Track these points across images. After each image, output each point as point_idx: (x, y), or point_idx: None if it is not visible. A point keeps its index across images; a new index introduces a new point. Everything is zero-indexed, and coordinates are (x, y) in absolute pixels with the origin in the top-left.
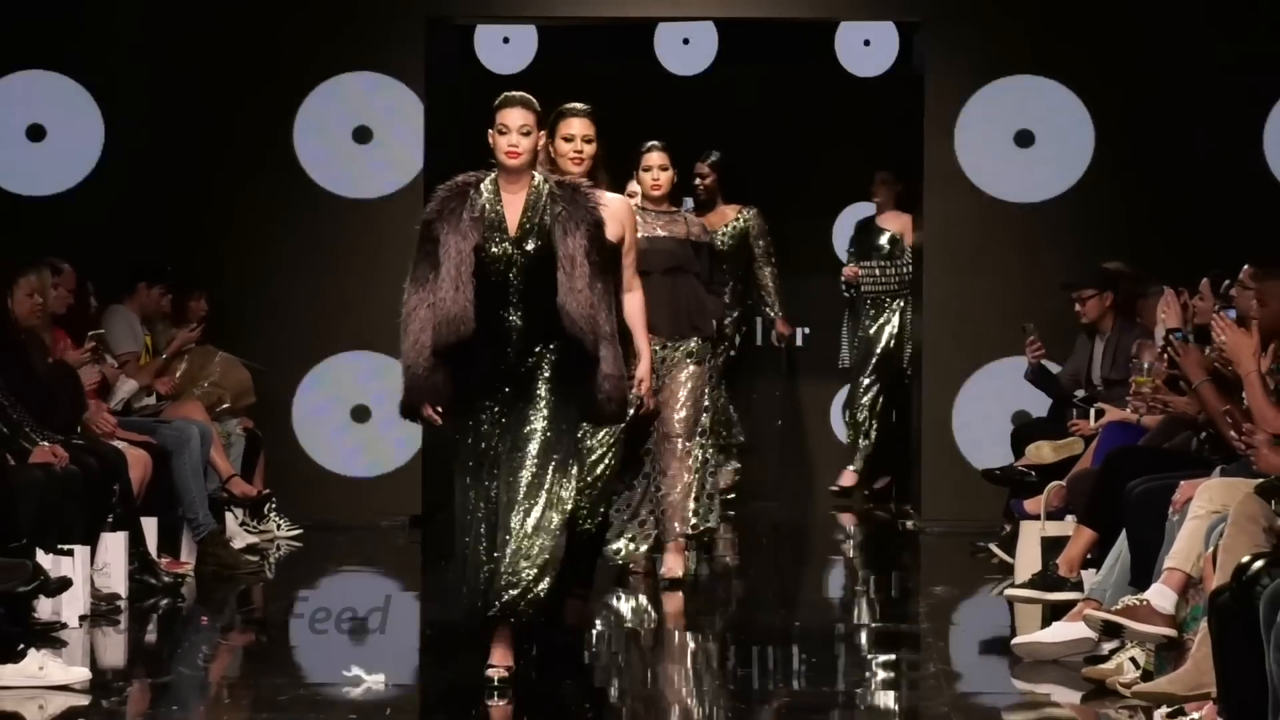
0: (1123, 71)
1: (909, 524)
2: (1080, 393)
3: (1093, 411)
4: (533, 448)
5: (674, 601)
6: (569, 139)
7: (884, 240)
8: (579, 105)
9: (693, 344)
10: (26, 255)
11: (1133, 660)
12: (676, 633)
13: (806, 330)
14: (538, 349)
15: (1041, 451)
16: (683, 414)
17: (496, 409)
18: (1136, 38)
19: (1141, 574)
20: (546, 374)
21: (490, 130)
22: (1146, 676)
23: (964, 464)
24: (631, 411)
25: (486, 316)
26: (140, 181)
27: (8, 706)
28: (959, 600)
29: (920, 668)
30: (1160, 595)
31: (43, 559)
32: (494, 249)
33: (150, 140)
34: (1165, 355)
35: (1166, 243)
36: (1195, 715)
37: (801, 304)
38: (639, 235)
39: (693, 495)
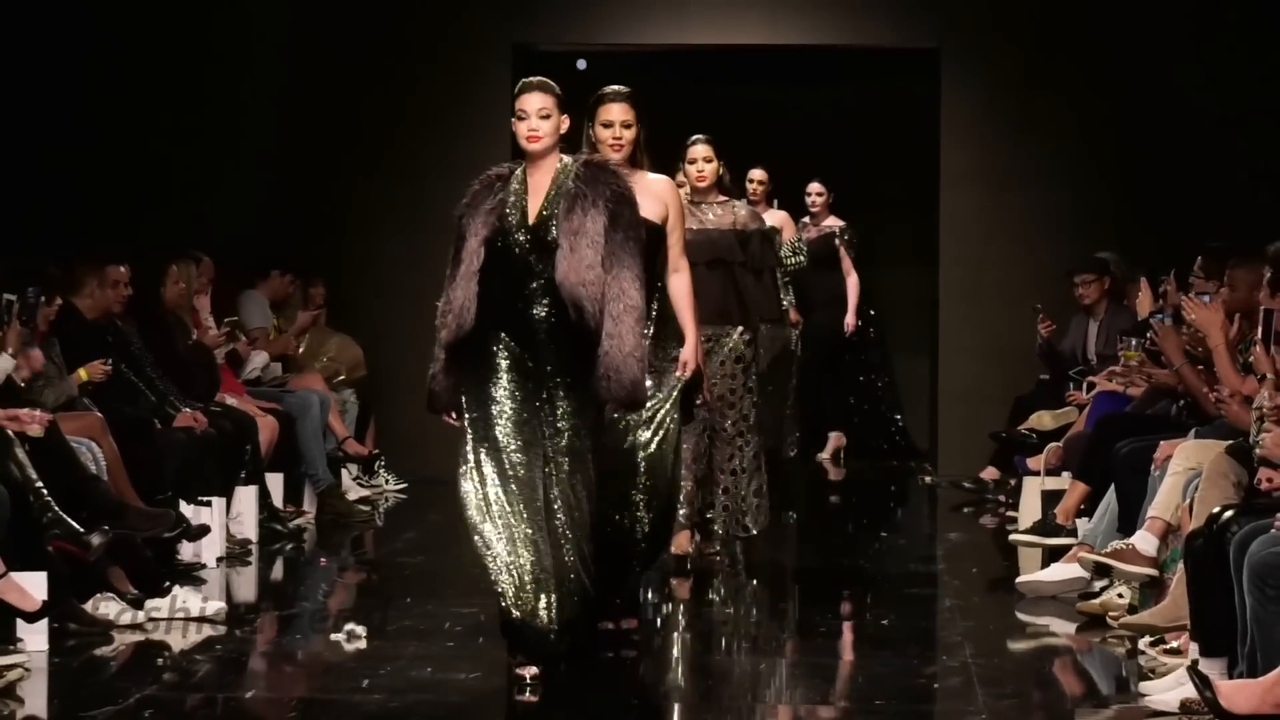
0: (1109, 86)
1: (927, 479)
2: (1080, 369)
3: (1085, 384)
4: (559, 449)
5: (700, 563)
6: (608, 124)
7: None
8: (619, 89)
9: (739, 344)
10: (175, 248)
11: (1120, 596)
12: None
13: None
14: (561, 343)
15: (1042, 419)
16: (730, 415)
17: (514, 406)
18: (1121, 58)
19: (1127, 522)
20: (567, 369)
21: (512, 119)
22: (1131, 610)
23: (974, 428)
24: (681, 383)
25: (511, 309)
26: (271, 181)
27: (156, 636)
28: (970, 544)
29: (937, 602)
30: (1144, 540)
31: (186, 509)
32: (512, 240)
33: (280, 147)
34: (1147, 334)
35: (1148, 234)
36: (1174, 643)
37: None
38: (685, 226)
39: (746, 494)
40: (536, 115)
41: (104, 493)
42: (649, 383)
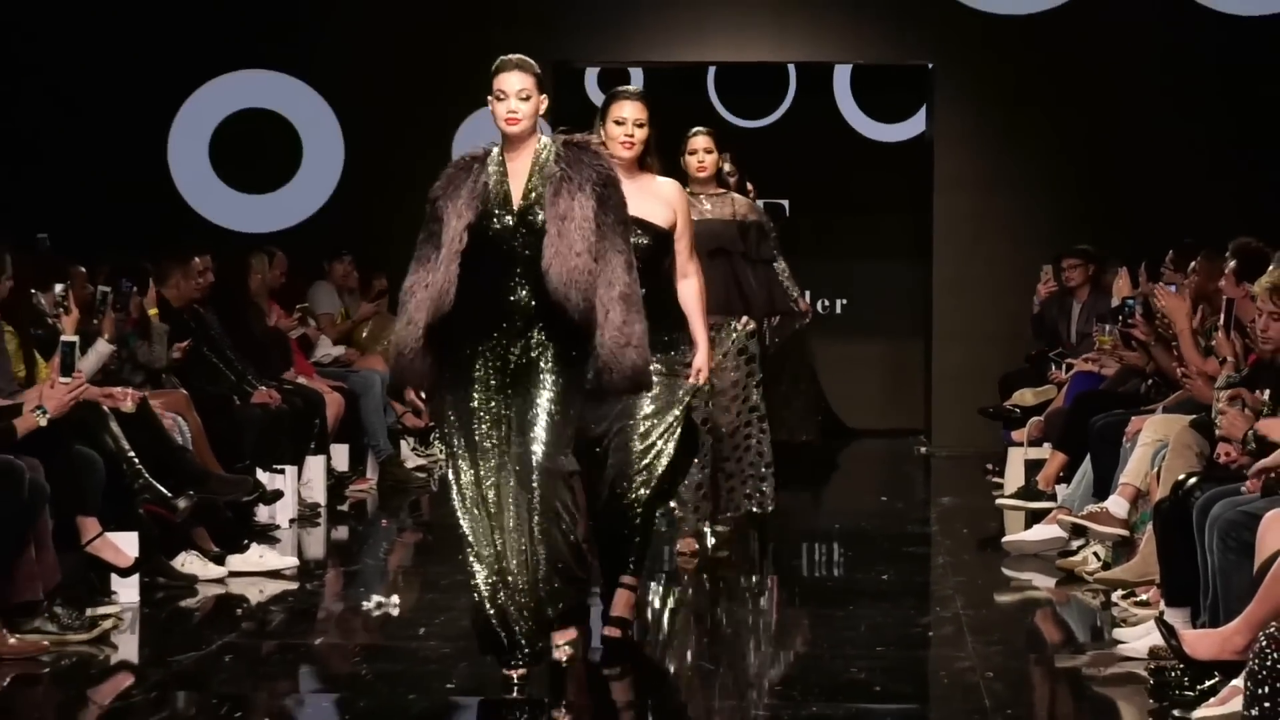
0: (1084, 102)
1: (922, 450)
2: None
3: (1065, 364)
4: (536, 436)
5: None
6: (620, 122)
7: None
8: (631, 88)
9: (742, 337)
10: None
11: (1095, 554)
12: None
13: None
14: (543, 329)
15: (1025, 396)
16: (731, 414)
17: (494, 393)
18: (1095, 76)
19: (1101, 488)
20: (551, 355)
21: (489, 98)
22: (1105, 567)
23: (964, 404)
24: (694, 389)
25: (492, 294)
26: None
27: (235, 589)
28: (961, 507)
29: (931, 559)
30: (1116, 505)
31: (261, 476)
32: (496, 224)
33: (348, 154)
34: (1122, 319)
35: (1118, 233)
36: (1143, 596)
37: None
38: None
39: (744, 475)
40: (516, 96)
41: (189, 461)
42: (657, 389)
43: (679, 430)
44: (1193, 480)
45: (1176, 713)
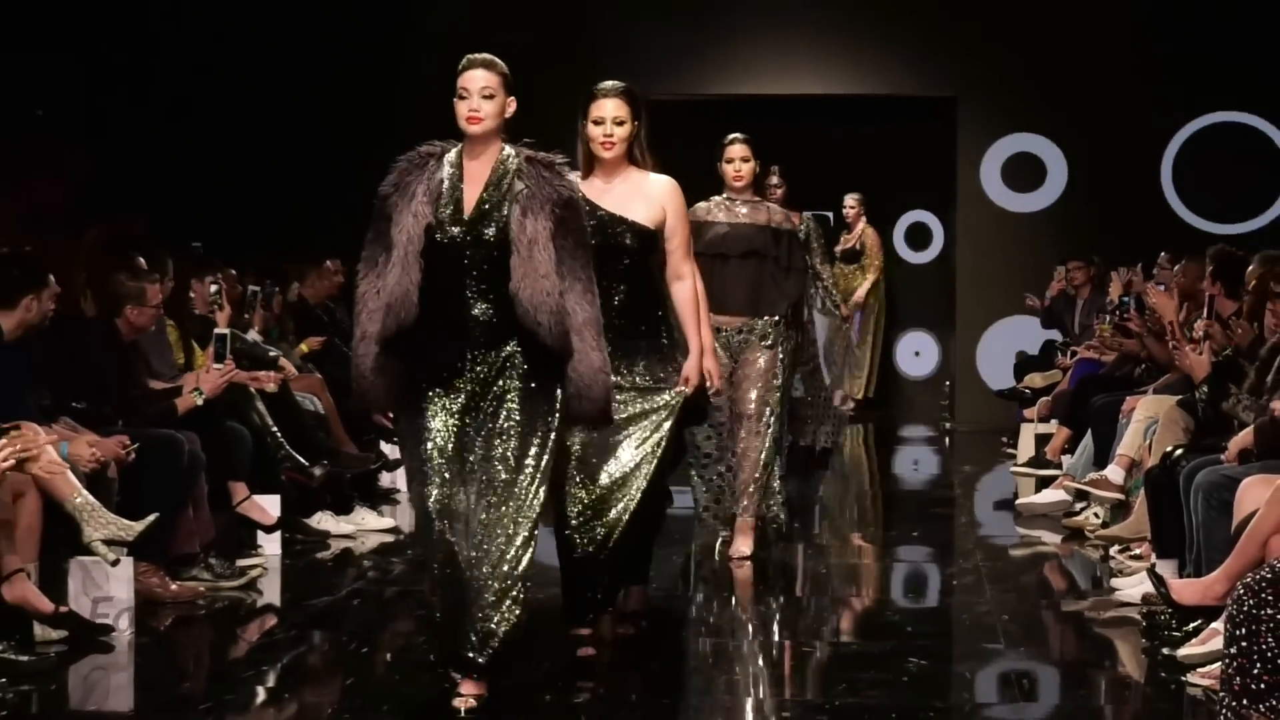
0: (1087, 126)
1: (946, 425)
2: (1065, 340)
3: (1070, 352)
4: (501, 458)
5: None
6: (599, 122)
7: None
8: (611, 84)
9: (766, 327)
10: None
11: (1095, 514)
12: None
13: None
14: (508, 345)
15: (1034, 379)
16: (753, 395)
17: (456, 412)
18: (1096, 104)
19: (1101, 458)
20: (518, 374)
21: (455, 98)
22: (1104, 525)
23: (983, 385)
24: (682, 397)
25: (445, 306)
26: None
27: (362, 544)
28: (980, 475)
29: (953, 519)
30: (1114, 472)
31: (384, 448)
32: (443, 231)
33: None
34: (1118, 314)
35: (1114, 240)
36: (1137, 550)
37: None
38: (721, 221)
39: (759, 476)
40: (479, 94)
41: (323, 436)
42: (643, 394)
43: (666, 443)
44: (1179, 451)
45: (1165, 651)
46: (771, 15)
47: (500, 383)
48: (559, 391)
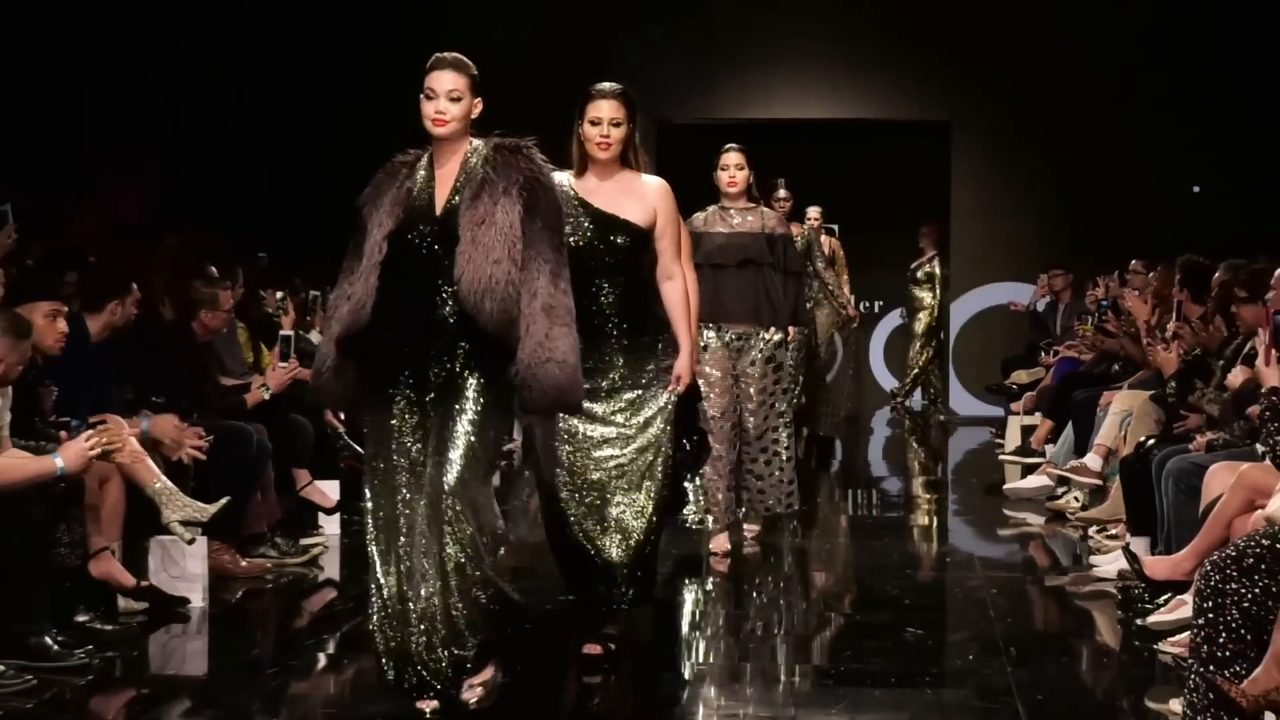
0: (1070, 145)
1: (940, 417)
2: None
3: (1052, 351)
4: (451, 460)
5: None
6: (595, 122)
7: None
8: (608, 85)
9: (770, 347)
10: None
11: (1075, 498)
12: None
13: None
14: (469, 344)
15: (1020, 376)
16: (754, 416)
17: (413, 412)
18: (1079, 126)
19: (1080, 447)
20: (474, 374)
21: (421, 97)
22: (1084, 508)
23: (973, 381)
24: (675, 398)
25: (411, 307)
26: None
27: None
28: (971, 463)
29: (945, 502)
30: (1092, 460)
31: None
32: (415, 232)
33: None
34: (1097, 315)
35: (1094, 250)
36: (1113, 531)
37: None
38: (719, 231)
39: (772, 480)
40: (445, 96)
41: None
42: (634, 393)
43: (663, 445)
44: (1152, 441)
45: (1138, 621)
46: (778, 46)
47: (460, 384)
48: (505, 384)
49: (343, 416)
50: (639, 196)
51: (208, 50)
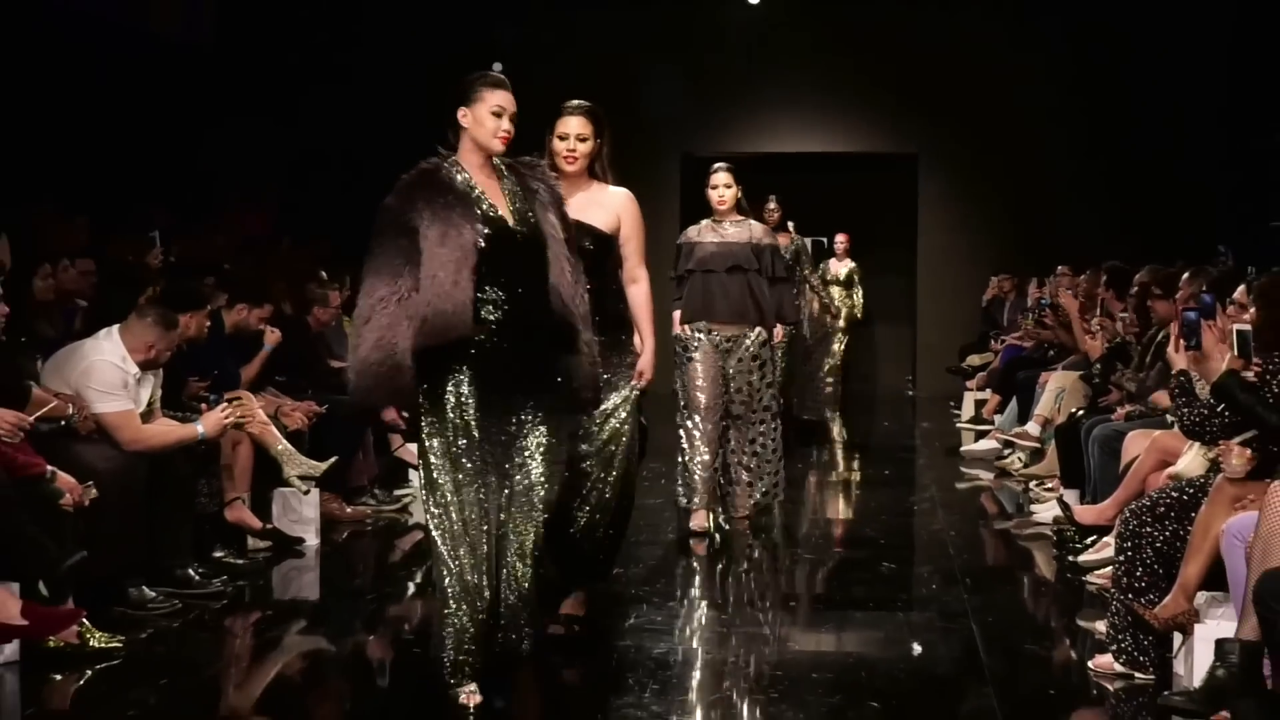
0: (1019, 174)
1: (909, 392)
2: (995, 330)
3: (1000, 339)
4: (531, 457)
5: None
6: (564, 137)
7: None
8: (577, 102)
9: (756, 346)
10: None
11: (1019, 458)
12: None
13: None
14: (529, 340)
15: (973, 360)
16: (741, 401)
17: (509, 408)
18: (1023, 158)
19: (1023, 417)
20: (545, 375)
21: (465, 109)
22: (1025, 466)
23: (936, 364)
24: (638, 391)
25: (511, 310)
26: None
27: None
28: (935, 429)
29: (915, 461)
30: (1033, 427)
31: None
32: (491, 236)
33: None
34: (1037, 311)
35: (1036, 258)
36: (1049, 484)
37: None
38: (710, 241)
39: (760, 471)
40: (510, 118)
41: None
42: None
43: (626, 438)
44: (1081, 412)
45: (1070, 558)
46: (783, 93)
47: (532, 386)
48: (565, 384)
49: (405, 415)
50: (603, 205)
51: (318, 89)
